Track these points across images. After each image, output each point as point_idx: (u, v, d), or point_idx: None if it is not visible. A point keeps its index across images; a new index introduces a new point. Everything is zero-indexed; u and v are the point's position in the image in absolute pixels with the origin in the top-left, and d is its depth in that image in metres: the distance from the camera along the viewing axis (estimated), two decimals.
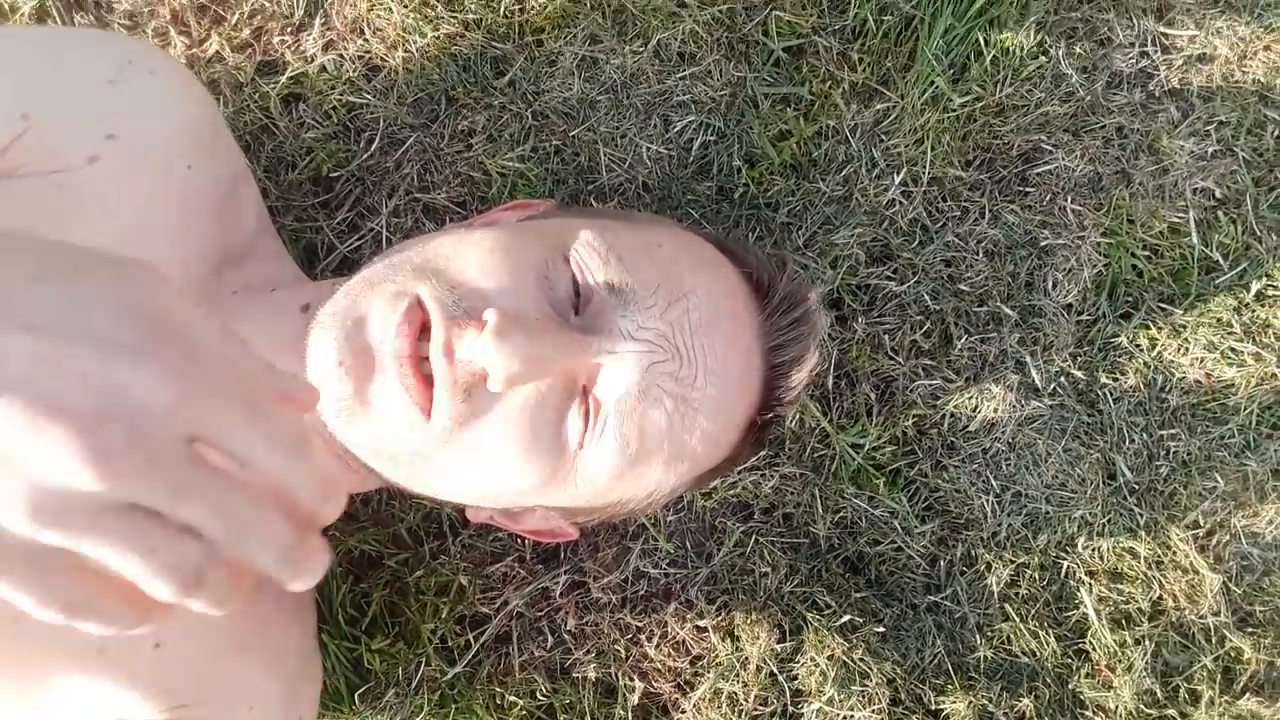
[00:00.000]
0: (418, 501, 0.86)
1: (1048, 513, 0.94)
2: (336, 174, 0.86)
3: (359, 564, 0.87)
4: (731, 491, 0.90)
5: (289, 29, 0.87)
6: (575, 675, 0.88)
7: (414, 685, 0.84)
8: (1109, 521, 0.95)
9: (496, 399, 0.56)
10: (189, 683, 0.65)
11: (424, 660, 0.85)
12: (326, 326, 0.57)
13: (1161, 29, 0.94)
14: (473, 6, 0.86)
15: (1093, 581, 0.95)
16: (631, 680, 0.89)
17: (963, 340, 0.92)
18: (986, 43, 0.90)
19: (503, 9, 0.86)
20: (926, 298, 0.92)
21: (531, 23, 0.87)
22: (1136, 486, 0.95)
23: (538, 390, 0.56)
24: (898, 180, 0.90)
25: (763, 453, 0.90)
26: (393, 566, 0.86)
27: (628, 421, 0.58)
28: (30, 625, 0.60)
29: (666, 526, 0.90)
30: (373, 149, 0.86)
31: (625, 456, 0.59)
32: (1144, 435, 0.95)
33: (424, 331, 0.56)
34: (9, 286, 0.33)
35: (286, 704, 0.71)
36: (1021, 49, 0.91)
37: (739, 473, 0.90)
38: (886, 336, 0.92)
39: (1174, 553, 0.96)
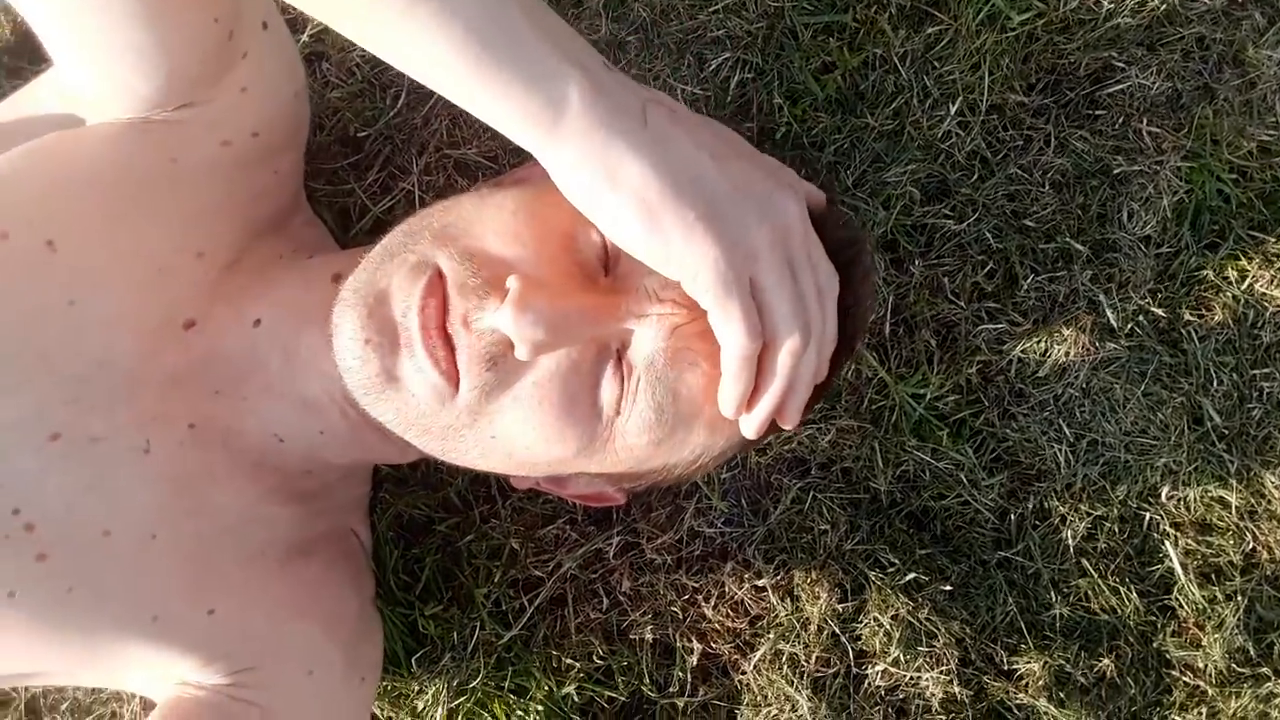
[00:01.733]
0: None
1: (1127, 462, 0.88)
2: (364, 133, 0.84)
3: (409, 529, 0.86)
4: (787, 447, 0.87)
5: None
6: (632, 637, 0.87)
7: (470, 649, 0.84)
8: (1196, 470, 0.89)
9: (526, 366, 0.54)
10: (246, 648, 0.65)
11: (479, 624, 0.84)
12: (349, 303, 0.56)
13: None
14: None
15: (1178, 534, 0.89)
16: (689, 641, 0.87)
17: (1029, 280, 0.87)
18: None
19: None
20: (988, 236, 0.87)
21: None
22: (1226, 431, 0.89)
23: (569, 356, 0.54)
24: (953, 110, 0.85)
25: (818, 406, 0.86)
26: (443, 531, 0.85)
27: (660, 386, 0.55)
28: (84, 594, 0.61)
29: (720, 485, 0.87)
30: (399, 105, 0.84)
31: (663, 422, 0.56)
32: (1234, 376, 0.89)
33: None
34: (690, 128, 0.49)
35: (346, 667, 0.71)
36: None
37: None
38: (946, 279, 0.87)
39: (1269, 501, 0.89)
